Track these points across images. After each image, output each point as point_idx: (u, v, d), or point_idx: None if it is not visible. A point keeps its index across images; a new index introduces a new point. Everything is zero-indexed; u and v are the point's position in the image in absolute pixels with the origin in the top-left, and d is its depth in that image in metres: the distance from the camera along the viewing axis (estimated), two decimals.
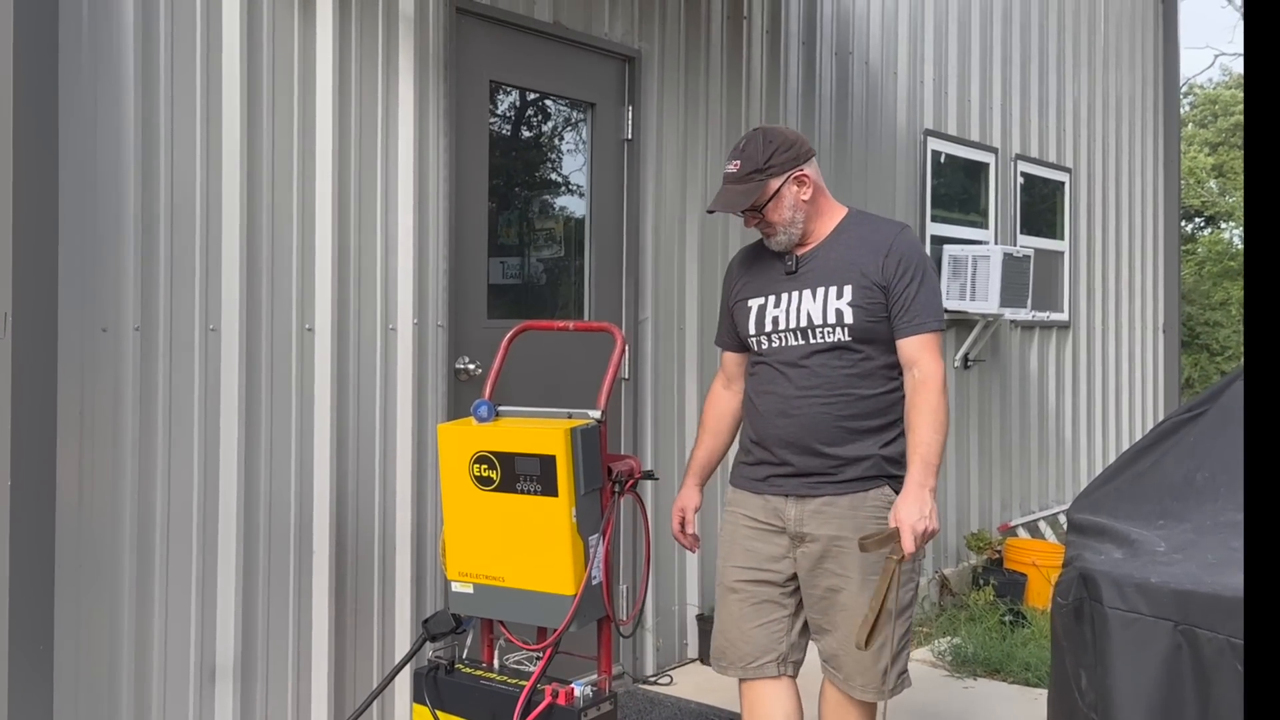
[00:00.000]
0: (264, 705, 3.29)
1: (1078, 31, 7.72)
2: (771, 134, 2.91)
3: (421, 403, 3.72)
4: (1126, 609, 2.09)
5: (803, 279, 2.92)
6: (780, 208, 2.88)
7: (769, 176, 2.87)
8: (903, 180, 6.03)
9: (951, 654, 5.03)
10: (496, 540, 2.81)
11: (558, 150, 4.57)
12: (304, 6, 3.40)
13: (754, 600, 2.96)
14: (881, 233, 2.94)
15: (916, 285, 2.85)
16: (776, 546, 2.95)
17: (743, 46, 5.02)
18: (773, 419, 2.93)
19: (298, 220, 3.38)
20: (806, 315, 2.89)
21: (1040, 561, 6.09)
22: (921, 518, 2.68)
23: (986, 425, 6.67)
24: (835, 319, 2.86)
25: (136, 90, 3.00)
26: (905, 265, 2.86)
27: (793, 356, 2.91)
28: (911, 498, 2.72)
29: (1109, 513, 2.33)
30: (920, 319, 2.84)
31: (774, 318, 2.94)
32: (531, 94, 4.35)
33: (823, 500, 2.88)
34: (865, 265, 2.87)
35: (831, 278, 2.89)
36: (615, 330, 2.94)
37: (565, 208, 4.55)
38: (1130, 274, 8.38)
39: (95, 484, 2.92)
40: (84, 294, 2.89)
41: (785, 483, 2.93)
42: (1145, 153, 8.65)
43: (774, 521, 2.95)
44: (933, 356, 2.83)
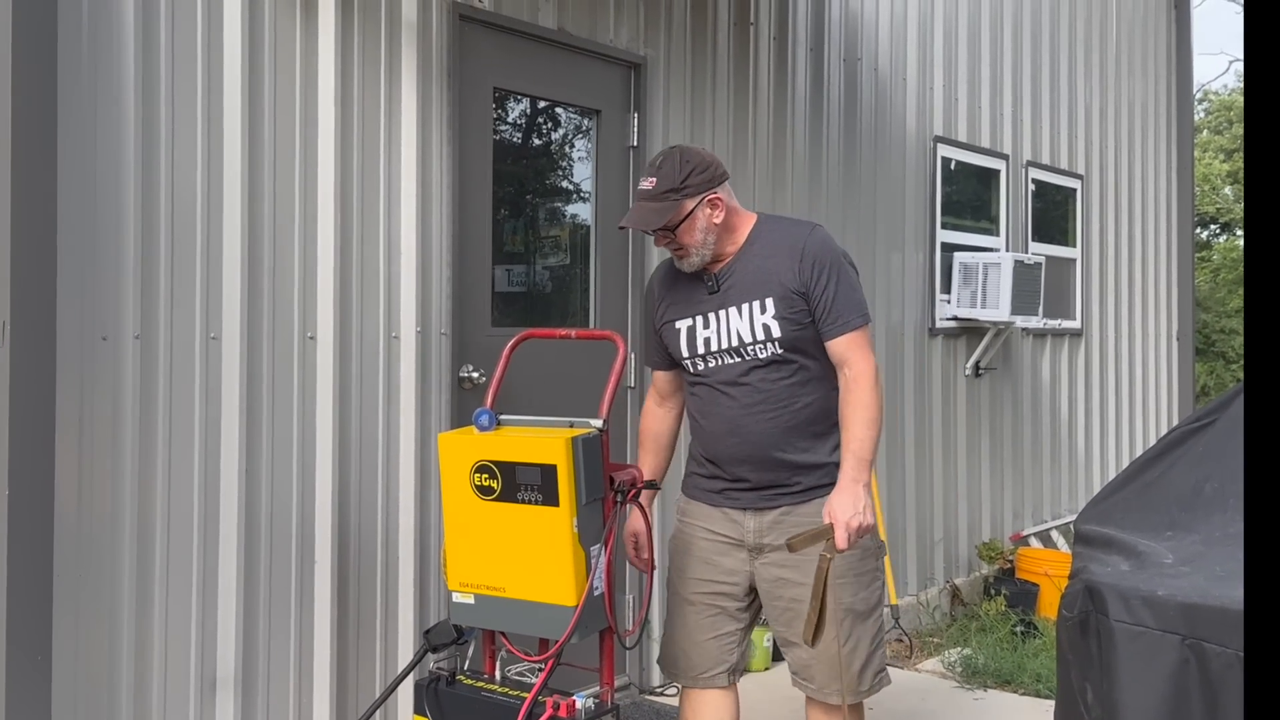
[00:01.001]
0: (265, 716, 3.26)
1: (1089, 36, 7.67)
2: (689, 154, 2.91)
3: (425, 411, 3.70)
4: (1133, 622, 2.05)
5: (726, 296, 2.92)
6: (693, 230, 2.87)
7: (684, 197, 2.86)
8: (912, 187, 5.99)
9: (962, 665, 4.98)
10: (497, 550, 2.78)
11: (563, 158, 4.55)
12: (306, 13, 3.39)
13: (710, 613, 2.99)
14: (792, 236, 2.92)
15: (834, 285, 2.85)
16: (735, 560, 2.98)
17: (750, 53, 4.99)
18: (722, 438, 2.95)
19: (300, 227, 3.36)
20: (736, 334, 2.90)
21: (1053, 571, 6.03)
22: (855, 513, 2.72)
23: (998, 434, 6.62)
24: (764, 334, 2.88)
25: (137, 96, 2.99)
26: (819, 267, 2.86)
27: (732, 375, 2.92)
28: (845, 493, 2.76)
29: (1116, 524, 2.29)
30: (844, 318, 2.85)
31: (705, 339, 2.94)
32: (536, 101, 4.34)
33: (780, 511, 2.93)
34: (782, 273, 2.87)
35: (752, 292, 2.89)
36: (618, 338, 2.92)
37: (571, 215, 4.53)
38: (1144, 281, 8.32)
39: (94, 493, 2.90)
40: (83, 302, 2.88)
41: (742, 496, 2.97)
42: (1159, 159, 8.59)
43: (732, 534, 2.98)
44: (862, 353, 2.85)
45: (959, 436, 6.28)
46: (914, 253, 5.99)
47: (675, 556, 3.08)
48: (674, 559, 3.09)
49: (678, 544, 3.08)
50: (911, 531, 5.85)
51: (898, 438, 5.78)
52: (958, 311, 6.16)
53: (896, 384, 5.79)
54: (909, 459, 5.85)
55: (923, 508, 5.96)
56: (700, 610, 3.00)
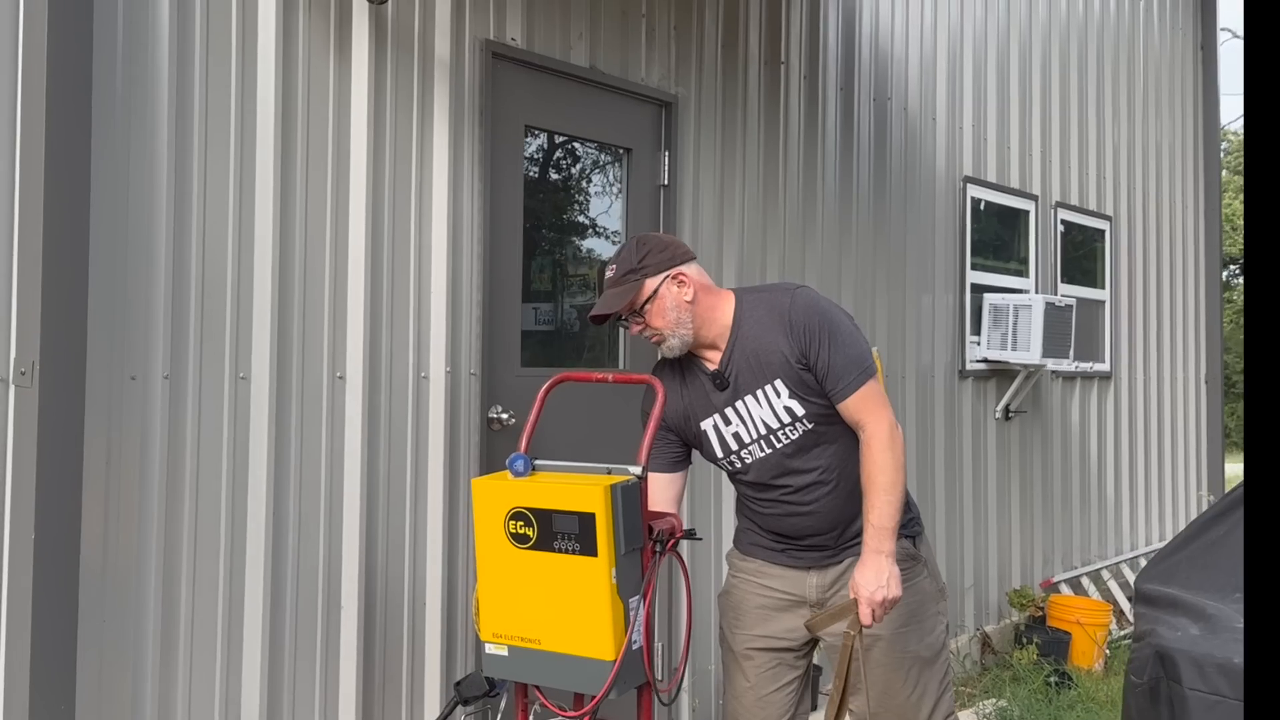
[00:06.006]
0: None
1: (1117, 77, 7.63)
2: (645, 238, 2.89)
3: (454, 453, 3.62)
4: (1208, 691, 1.95)
5: (737, 389, 2.85)
6: (662, 310, 2.80)
7: (644, 276, 2.80)
8: (942, 228, 5.92)
9: (998, 717, 4.85)
10: (533, 601, 2.69)
11: (593, 196, 4.50)
12: (340, 51, 3.35)
13: (770, 665, 2.93)
14: (777, 308, 2.83)
15: (829, 348, 2.77)
16: (795, 617, 2.92)
17: (780, 92, 4.95)
18: (784, 519, 2.90)
19: (330, 265, 3.31)
20: (763, 423, 2.84)
21: (1085, 620, 5.91)
22: (880, 586, 2.66)
23: (1028, 478, 6.51)
24: (790, 417, 2.81)
25: (170, 134, 2.95)
26: (810, 333, 2.78)
27: (774, 462, 2.86)
28: (869, 566, 2.69)
29: (1181, 583, 2.19)
30: (846, 379, 2.77)
31: (735, 434, 2.88)
32: (567, 139, 4.29)
33: (845, 565, 2.87)
34: (781, 349, 2.80)
35: (760, 377, 2.82)
36: (657, 383, 2.84)
37: (600, 254, 4.47)
38: (1172, 323, 8.23)
39: (120, 536, 2.83)
40: (112, 341, 2.82)
41: (806, 555, 2.91)
42: (1186, 199, 8.52)
43: (794, 591, 2.92)
44: (873, 414, 2.77)
45: (989, 481, 6.18)
46: (944, 294, 5.91)
47: (729, 612, 3.00)
48: (727, 614, 3.01)
49: (732, 599, 3.00)
50: (942, 577, 5.72)
51: (929, 482, 5.69)
52: (988, 353, 6.07)
53: (927, 427, 5.70)
54: (939, 504, 5.75)
55: (953, 553, 5.85)
56: (760, 664, 2.93)
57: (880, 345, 5.39)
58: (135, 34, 2.89)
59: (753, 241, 4.76)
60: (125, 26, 2.87)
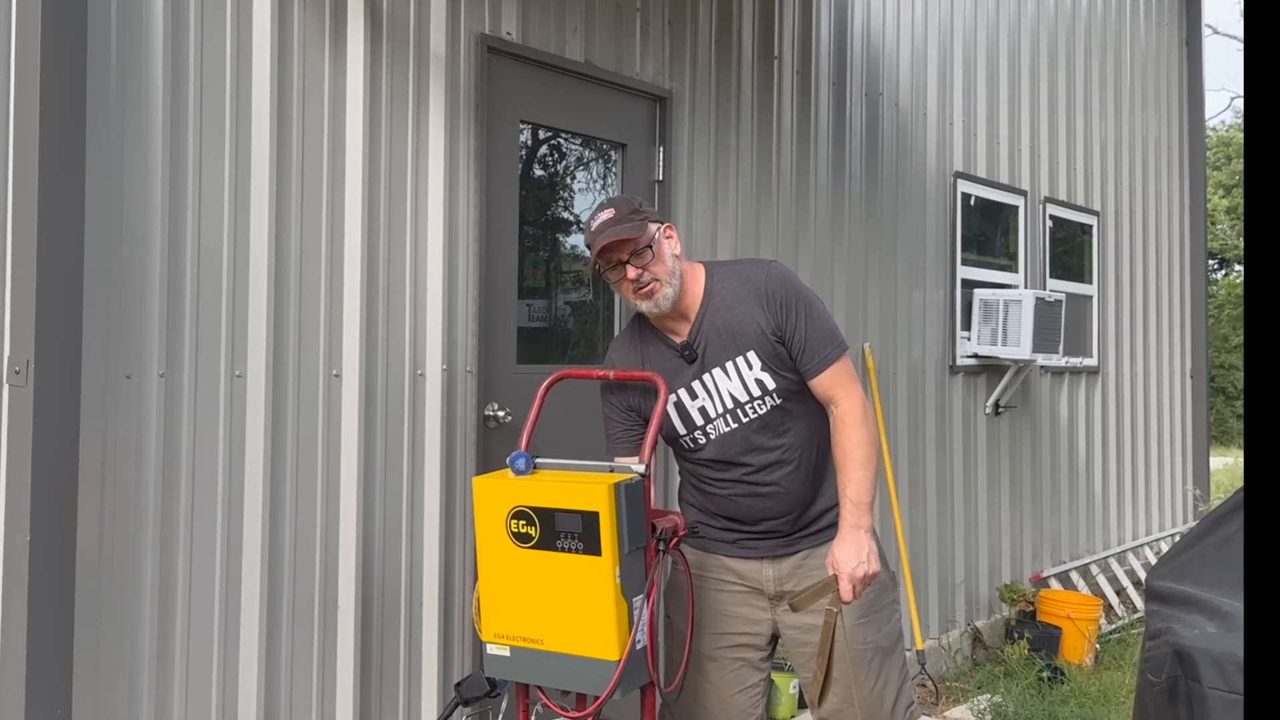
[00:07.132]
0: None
1: (1104, 72, 7.65)
2: (630, 195, 2.86)
3: (450, 450, 3.59)
4: (1229, 690, 1.95)
5: (705, 360, 2.81)
6: (662, 258, 2.77)
7: (647, 220, 2.77)
8: (933, 223, 5.92)
9: (992, 713, 4.86)
10: (535, 600, 2.67)
11: (587, 191, 4.48)
12: (335, 45, 3.31)
13: (733, 667, 2.89)
14: (752, 279, 2.80)
15: (805, 321, 2.75)
16: (756, 609, 2.88)
17: (773, 87, 4.94)
18: (741, 500, 2.85)
19: (326, 262, 3.27)
20: (731, 396, 2.80)
21: (1075, 614, 5.93)
22: (860, 562, 2.64)
23: (1018, 473, 6.53)
24: (760, 390, 2.78)
25: (164, 130, 2.91)
26: (786, 305, 2.75)
27: (739, 437, 2.81)
28: (847, 542, 2.67)
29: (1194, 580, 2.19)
30: (821, 353, 2.75)
31: (700, 409, 2.83)
32: (562, 134, 4.27)
33: (800, 555, 2.84)
34: (756, 320, 2.76)
35: (731, 348, 2.78)
36: (659, 380, 2.82)
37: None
38: (1158, 318, 8.26)
39: (115, 537, 2.79)
40: (107, 340, 2.78)
41: (758, 545, 2.87)
42: (1171, 195, 8.55)
43: (751, 582, 2.88)
44: (846, 388, 2.75)
45: (979, 476, 6.19)
46: (935, 289, 5.91)
47: (680, 610, 2.92)
48: (677, 611, 2.93)
49: (680, 597, 2.91)
50: (933, 573, 5.74)
51: (920, 477, 5.69)
52: (978, 349, 6.08)
53: (918, 422, 5.70)
54: (930, 499, 5.75)
55: (944, 549, 5.86)
56: (724, 665, 2.89)
57: (873, 340, 5.39)
58: (129, 29, 2.85)
59: (746, 236, 4.74)
60: (119, 21, 2.83)
